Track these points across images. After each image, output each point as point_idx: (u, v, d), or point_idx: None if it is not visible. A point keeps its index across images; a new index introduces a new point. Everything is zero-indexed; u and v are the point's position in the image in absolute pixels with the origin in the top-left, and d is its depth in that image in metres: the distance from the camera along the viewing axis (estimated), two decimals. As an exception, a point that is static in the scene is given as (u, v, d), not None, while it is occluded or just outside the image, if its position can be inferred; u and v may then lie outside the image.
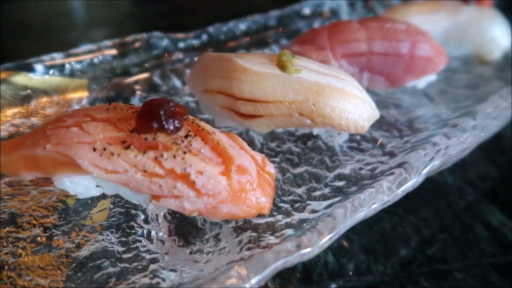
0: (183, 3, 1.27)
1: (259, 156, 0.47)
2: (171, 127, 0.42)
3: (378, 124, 0.65)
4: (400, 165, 0.52)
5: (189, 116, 0.45)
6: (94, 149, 0.41)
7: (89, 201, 0.48)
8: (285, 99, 0.52)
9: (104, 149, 0.41)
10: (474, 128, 0.58)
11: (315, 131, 0.59)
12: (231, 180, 0.43)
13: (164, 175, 0.41)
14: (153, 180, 0.41)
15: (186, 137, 0.43)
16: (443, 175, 0.68)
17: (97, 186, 0.47)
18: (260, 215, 0.48)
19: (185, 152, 0.41)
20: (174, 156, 0.41)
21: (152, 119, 0.42)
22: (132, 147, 0.42)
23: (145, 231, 0.47)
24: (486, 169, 0.71)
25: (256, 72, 0.52)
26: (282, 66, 0.52)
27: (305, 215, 0.49)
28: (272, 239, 0.46)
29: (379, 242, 0.57)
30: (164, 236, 0.47)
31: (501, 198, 0.66)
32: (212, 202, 0.43)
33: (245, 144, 0.47)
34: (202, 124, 0.45)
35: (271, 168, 0.47)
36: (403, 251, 0.56)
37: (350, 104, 0.53)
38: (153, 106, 0.42)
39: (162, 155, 0.41)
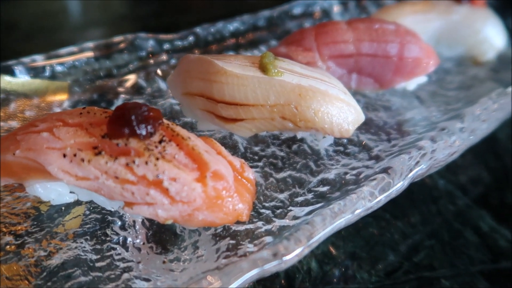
0: (178, 1, 1.26)
1: (237, 162, 0.46)
2: (144, 133, 0.41)
3: (366, 127, 0.64)
4: (384, 170, 0.51)
5: (164, 121, 0.44)
6: (64, 155, 0.40)
7: (63, 208, 0.47)
8: (267, 102, 0.51)
9: (75, 155, 0.40)
10: (462, 131, 0.56)
11: (300, 135, 0.58)
12: (206, 186, 0.41)
13: (136, 181, 0.40)
14: (125, 187, 0.40)
15: (160, 142, 0.42)
16: (433, 179, 0.67)
17: (71, 192, 0.46)
18: (240, 222, 0.46)
19: (157, 158, 0.40)
20: (146, 163, 0.40)
21: (124, 124, 0.40)
22: (103, 153, 0.40)
23: (121, 238, 0.46)
24: (478, 172, 0.69)
25: (237, 75, 0.50)
26: (263, 69, 0.51)
27: (286, 221, 0.48)
28: (250, 247, 0.45)
29: (365, 249, 0.56)
30: (141, 243, 0.46)
31: (492, 202, 0.64)
32: (187, 209, 0.41)
33: (223, 149, 0.46)
34: (178, 129, 0.43)
35: (250, 173, 0.46)
36: (389, 258, 0.55)
37: (334, 107, 0.51)
38: (125, 111, 0.41)
39: (134, 161, 0.40)
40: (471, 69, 0.81)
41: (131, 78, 0.68)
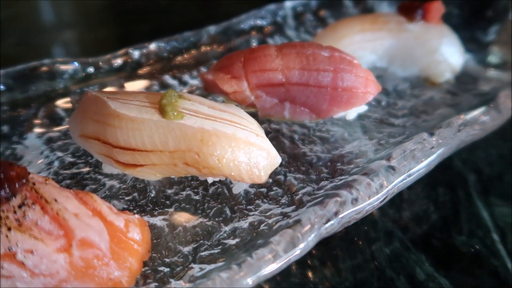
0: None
1: (121, 221, 0.41)
2: (-3, 197, 0.36)
3: (297, 164, 0.59)
4: (296, 222, 0.46)
5: (35, 177, 0.39)
6: None
7: None
8: (166, 148, 0.46)
9: None
10: (389, 172, 0.51)
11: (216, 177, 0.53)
12: (72, 256, 0.37)
13: (-12, 254, 0.36)
14: (-24, 260, 0.36)
15: (20, 207, 0.37)
16: (374, 215, 0.62)
17: None
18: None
19: (9, 229, 0.35)
20: (-4, 233, 0.36)
21: (-27, 188, 0.36)
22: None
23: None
24: (425, 207, 0.64)
25: (131, 118, 0.45)
26: (162, 111, 0.46)
27: (181, 284, 0.43)
28: (132, 318, 0.40)
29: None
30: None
31: (434, 244, 0.59)
32: (51, 281, 0.37)
33: (104, 208, 0.41)
34: (42, 190, 0.39)
35: (135, 234, 0.41)
36: (309, 313, 0.50)
37: (241, 153, 0.46)
38: (-24, 173, 0.36)
39: (-18, 232, 0.36)
40: (427, 91, 0.74)
41: (49, 108, 0.63)
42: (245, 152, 0.46)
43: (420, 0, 0.72)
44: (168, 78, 0.73)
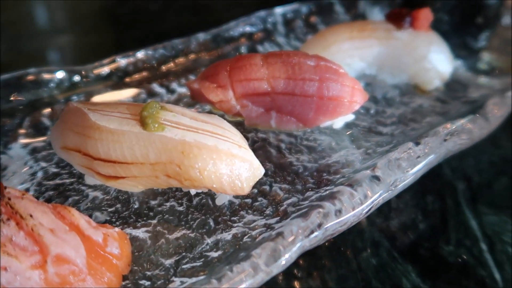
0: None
1: (99, 235, 0.41)
2: (-30, 214, 0.36)
3: (283, 174, 0.58)
4: (278, 235, 0.45)
5: (12, 192, 0.39)
6: None
7: None
8: (147, 160, 0.45)
9: None
10: (373, 183, 0.51)
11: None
12: (47, 273, 0.36)
13: (-39, 271, 0.35)
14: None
15: (-5, 222, 0.37)
16: (361, 224, 0.61)
17: None
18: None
19: (-18, 245, 0.35)
20: (-31, 250, 0.35)
21: None
22: None
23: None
24: (413, 216, 0.64)
25: (111, 130, 0.45)
26: (142, 122, 0.46)
27: (160, 298, 0.43)
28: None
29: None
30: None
31: (422, 254, 0.58)
32: (25, 298, 0.37)
33: (81, 222, 0.41)
34: (20, 204, 0.38)
35: (113, 248, 0.41)
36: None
37: (223, 165, 0.46)
38: None
39: (-45, 249, 0.35)
40: (416, 99, 0.74)
41: (34, 118, 0.63)
42: (227, 164, 0.46)
43: (409, 7, 0.72)
44: (156, 86, 0.72)
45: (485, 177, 0.71)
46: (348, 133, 0.66)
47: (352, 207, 0.48)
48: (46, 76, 0.65)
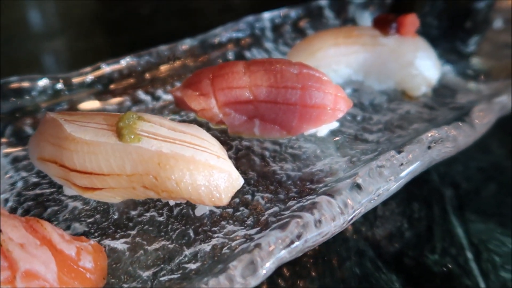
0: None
1: (73, 249, 0.40)
2: None
3: (266, 183, 0.58)
4: (257, 245, 0.45)
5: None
6: None
7: None
8: (123, 171, 0.45)
9: None
10: (355, 192, 0.50)
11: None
12: (16, 289, 0.36)
13: None
14: None
15: (-37, 238, 0.36)
16: (345, 232, 0.60)
17: None
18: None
19: None
20: None
21: None
22: None
23: None
24: (399, 225, 0.63)
25: (87, 142, 0.45)
26: (118, 133, 0.45)
27: (136, 311, 0.42)
28: None
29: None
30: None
31: (406, 263, 0.58)
32: (-5, 315, 0.36)
33: (54, 235, 0.40)
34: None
35: (86, 262, 0.40)
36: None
37: (200, 176, 0.45)
38: None
39: None
40: (404, 105, 0.74)
41: (16, 127, 0.62)
42: (205, 175, 0.45)
43: (395, 13, 0.71)
44: (141, 94, 0.72)
45: (473, 184, 0.70)
46: (334, 140, 0.65)
47: (332, 217, 0.48)
48: (29, 84, 0.65)
